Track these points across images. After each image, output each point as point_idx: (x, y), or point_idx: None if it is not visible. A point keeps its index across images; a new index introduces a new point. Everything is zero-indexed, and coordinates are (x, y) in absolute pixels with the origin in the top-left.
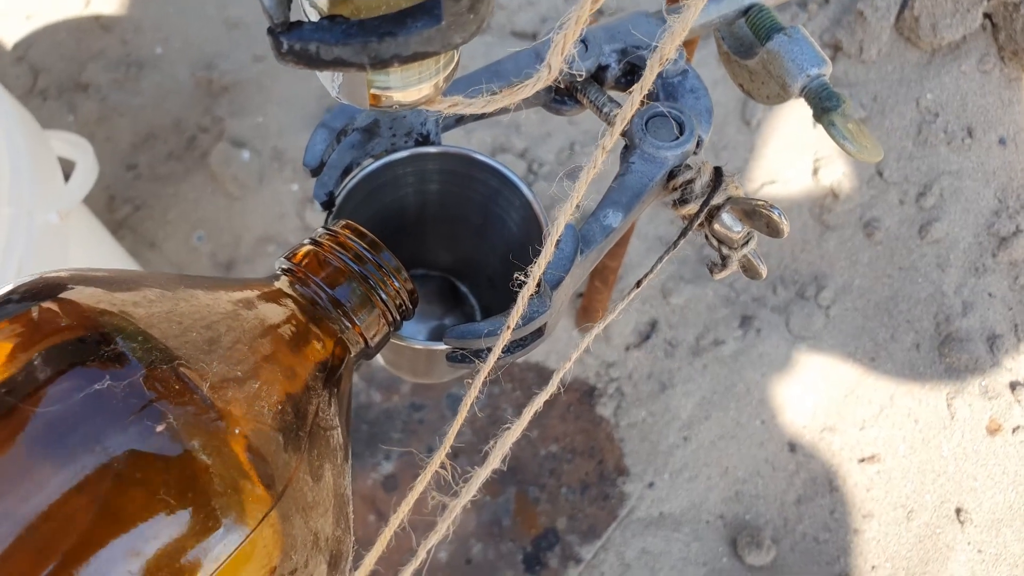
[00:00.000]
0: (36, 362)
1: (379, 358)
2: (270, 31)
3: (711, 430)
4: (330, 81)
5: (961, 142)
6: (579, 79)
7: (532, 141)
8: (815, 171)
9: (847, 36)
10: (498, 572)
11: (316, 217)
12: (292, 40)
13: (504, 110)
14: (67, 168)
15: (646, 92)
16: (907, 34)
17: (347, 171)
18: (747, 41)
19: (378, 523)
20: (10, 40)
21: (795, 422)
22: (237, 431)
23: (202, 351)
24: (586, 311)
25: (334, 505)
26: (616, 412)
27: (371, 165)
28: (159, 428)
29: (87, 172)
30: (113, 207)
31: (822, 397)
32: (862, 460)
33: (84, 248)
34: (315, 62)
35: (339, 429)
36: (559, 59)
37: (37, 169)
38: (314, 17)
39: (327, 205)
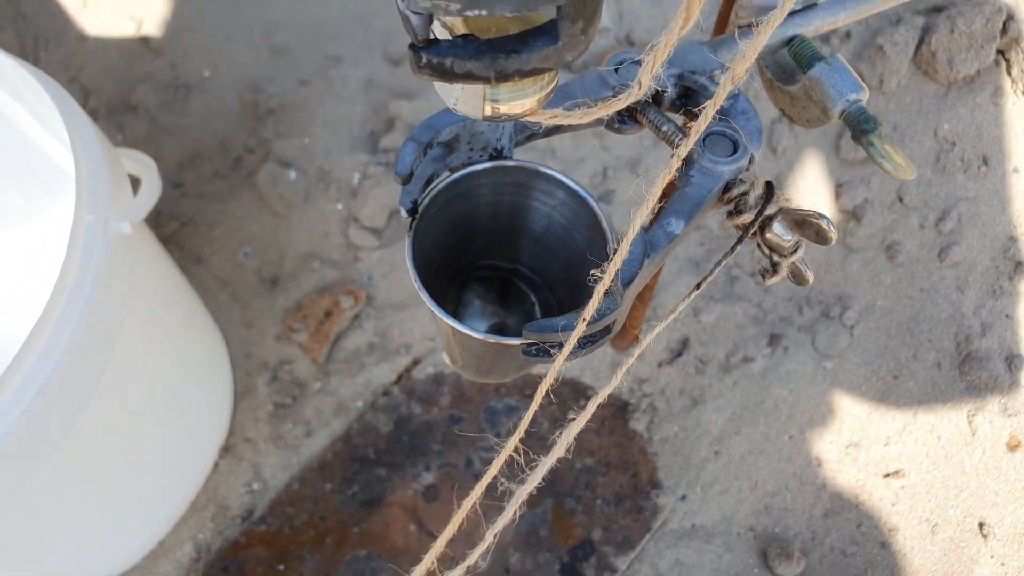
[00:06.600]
0: None
1: (444, 357)
2: (412, 47)
3: (741, 445)
4: (449, 94)
5: (977, 170)
6: (639, 102)
7: (567, 165)
8: (837, 196)
9: (868, 69)
10: None
11: (359, 236)
12: (431, 55)
13: (598, 121)
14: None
15: (719, 107)
16: (924, 68)
17: (428, 182)
18: (789, 68)
19: (419, 532)
20: (63, 61)
21: (822, 437)
22: None
23: None
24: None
25: None
26: (649, 427)
27: (453, 176)
28: None
29: (153, 187)
30: (160, 223)
31: (847, 413)
32: (887, 475)
33: (146, 259)
34: (448, 75)
35: None
36: (648, 77)
37: (112, 182)
38: (444, 37)
39: (412, 212)
